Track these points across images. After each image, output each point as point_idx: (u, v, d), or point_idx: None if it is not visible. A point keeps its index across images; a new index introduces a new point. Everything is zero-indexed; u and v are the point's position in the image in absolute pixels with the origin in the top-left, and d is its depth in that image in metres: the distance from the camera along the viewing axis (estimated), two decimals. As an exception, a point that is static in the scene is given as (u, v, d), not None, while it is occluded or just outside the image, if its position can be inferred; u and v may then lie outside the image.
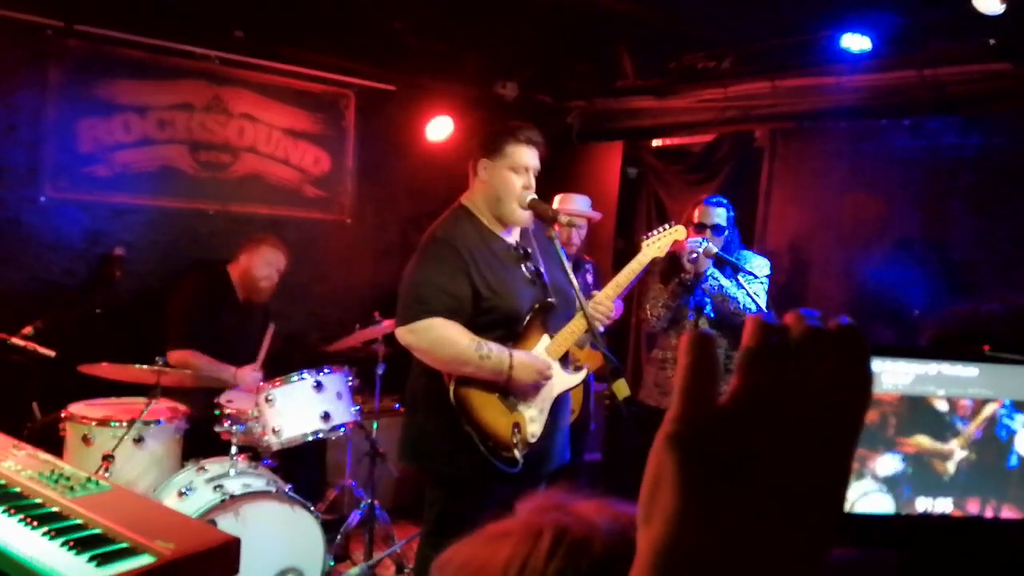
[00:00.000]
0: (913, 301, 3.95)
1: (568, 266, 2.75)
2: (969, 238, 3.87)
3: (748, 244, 4.57)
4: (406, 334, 2.65)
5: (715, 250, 3.53)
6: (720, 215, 3.71)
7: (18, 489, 2.08)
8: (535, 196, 2.82)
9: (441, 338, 2.60)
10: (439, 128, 5.18)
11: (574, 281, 2.72)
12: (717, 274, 3.63)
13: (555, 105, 5.57)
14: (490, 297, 2.68)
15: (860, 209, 4.22)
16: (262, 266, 4.15)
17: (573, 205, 4.29)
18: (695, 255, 3.48)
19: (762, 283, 3.71)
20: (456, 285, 2.65)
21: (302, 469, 4.01)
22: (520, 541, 0.71)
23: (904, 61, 3.94)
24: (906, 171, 4.10)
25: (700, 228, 3.63)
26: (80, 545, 1.80)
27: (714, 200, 3.77)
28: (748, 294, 3.60)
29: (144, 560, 1.78)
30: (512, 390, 2.68)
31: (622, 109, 5.21)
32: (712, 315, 3.81)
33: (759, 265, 3.77)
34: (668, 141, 5.41)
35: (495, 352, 2.63)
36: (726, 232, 3.72)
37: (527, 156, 2.76)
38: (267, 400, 3.45)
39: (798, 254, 4.48)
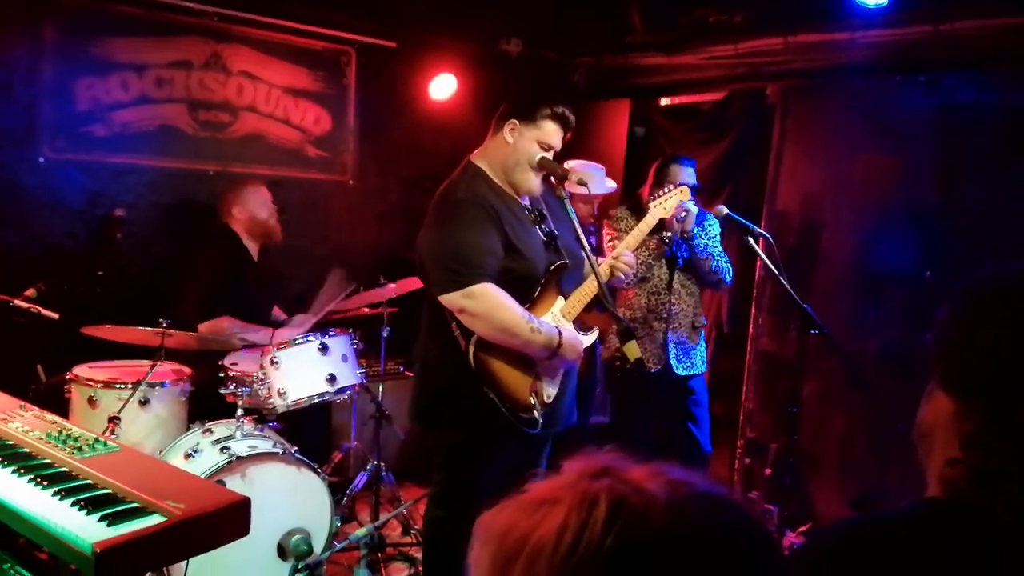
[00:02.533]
0: (925, 262, 3.90)
1: (578, 226, 2.71)
2: (985, 197, 3.80)
3: (759, 204, 4.54)
4: (461, 299, 2.56)
5: (696, 210, 3.62)
6: (692, 174, 3.76)
7: (27, 450, 2.06)
8: (544, 155, 2.78)
9: (500, 305, 2.56)
10: (442, 86, 5.08)
11: (584, 243, 2.68)
12: (702, 234, 3.75)
13: (561, 62, 5.45)
14: (511, 256, 2.65)
15: (873, 168, 4.15)
16: (259, 207, 4.09)
17: (593, 186, 4.10)
18: (684, 213, 3.51)
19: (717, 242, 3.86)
20: (495, 244, 2.61)
21: (306, 432, 4.00)
22: (573, 509, 0.65)
23: (920, 15, 3.84)
24: (920, 129, 4.01)
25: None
26: (90, 505, 1.78)
27: (686, 160, 3.81)
28: (721, 252, 3.79)
29: (154, 520, 1.76)
30: (549, 366, 2.68)
31: (630, 66, 5.10)
32: (681, 273, 3.82)
33: (714, 223, 3.84)
34: (677, 99, 5.31)
35: (545, 329, 2.62)
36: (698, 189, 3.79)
37: (557, 136, 2.75)
38: (272, 363, 3.42)
39: (809, 214, 4.41)
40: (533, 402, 2.66)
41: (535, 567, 0.64)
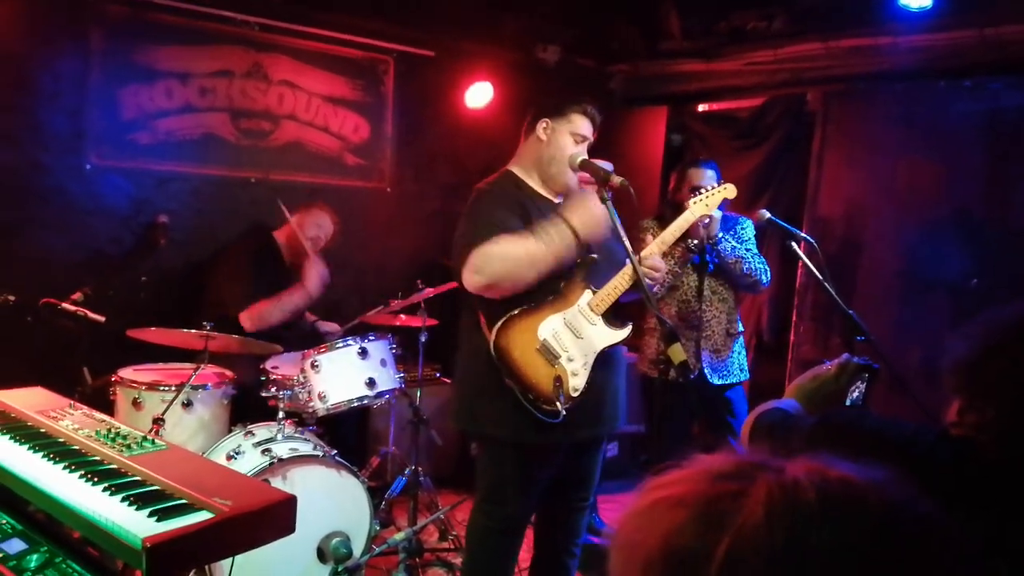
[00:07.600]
0: (971, 270, 3.82)
1: (619, 224, 2.69)
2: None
3: (799, 211, 4.49)
4: (472, 276, 2.57)
5: (720, 214, 3.55)
6: (714, 177, 3.71)
7: (77, 447, 2.08)
8: (585, 156, 2.81)
9: (503, 253, 2.54)
10: (479, 94, 5.10)
11: (627, 242, 2.66)
12: (728, 237, 3.67)
13: (598, 69, 5.45)
14: None
15: (916, 174, 4.08)
16: (311, 226, 4.18)
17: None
18: (708, 219, 3.46)
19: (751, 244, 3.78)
20: (504, 217, 2.63)
21: (343, 436, 4.02)
22: (775, 499, 0.61)
23: (964, 19, 3.79)
24: (965, 135, 3.94)
25: (697, 191, 3.57)
26: (140, 501, 1.79)
27: (706, 163, 3.77)
28: (755, 254, 3.70)
29: (203, 516, 1.76)
30: (592, 249, 2.68)
31: (667, 73, 5.08)
32: (712, 279, 3.75)
33: (748, 225, 3.78)
34: (715, 105, 5.27)
35: (553, 229, 2.59)
36: None
37: (588, 128, 2.81)
38: (313, 366, 3.44)
39: (851, 221, 4.35)
40: (556, 394, 2.60)
41: (744, 555, 0.60)
